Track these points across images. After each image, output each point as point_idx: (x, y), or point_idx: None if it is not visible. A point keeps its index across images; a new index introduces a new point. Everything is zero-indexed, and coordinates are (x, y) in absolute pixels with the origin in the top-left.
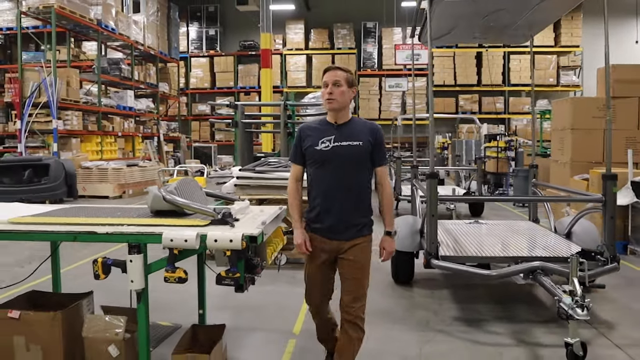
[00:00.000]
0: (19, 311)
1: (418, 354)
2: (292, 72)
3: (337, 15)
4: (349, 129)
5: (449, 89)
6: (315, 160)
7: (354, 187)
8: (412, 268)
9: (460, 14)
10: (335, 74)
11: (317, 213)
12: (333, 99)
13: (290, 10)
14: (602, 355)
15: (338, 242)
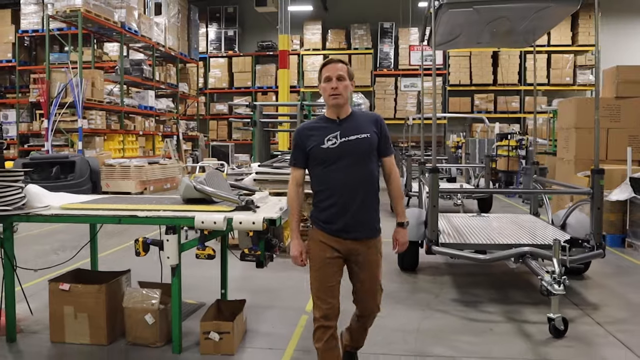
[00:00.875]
0: (69, 284)
1: (417, 328)
2: (309, 72)
3: (354, 16)
4: (353, 122)
5: (464, 89)
6: (323, 159)
7: (367, 181)
8: (416, 256)
9: (464, 22)
10: (337, 67)
11: (330, 213)
12: (339, 94)
13: (308, 11)
14: (583, 331)
15: (352, 242)
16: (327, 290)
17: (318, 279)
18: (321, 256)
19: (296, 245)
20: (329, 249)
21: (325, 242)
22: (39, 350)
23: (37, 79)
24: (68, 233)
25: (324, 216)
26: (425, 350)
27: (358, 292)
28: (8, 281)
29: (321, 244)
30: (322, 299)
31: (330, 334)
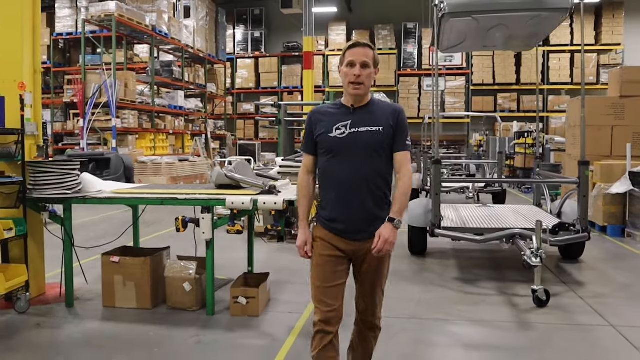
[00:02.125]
0: (119, 257)
1: (419, 299)
2: (334, 72)
3: (378, 17)
4: (368, 112)
5: (487, 88)
6: (328, 149)
7: (373, 178)
8: (424, 241)
9: (467, 28)
10: (365, 52)
11: (332, 210)
12: (361, 83)
13: (332, 13)
14: (564, 303)
15: (359, 244)
16: (327, 291)
17: (319, 279)
18: (322, 254)
19: (302, 235)
20: (331, 247)
21: (328, 240)
22: (94, 313)
23: (72, 80)
24: (109, 223)
25: (326, 213)
26: (422, 315)
27: (358, 295)
28: (68, 255)
29: (323, 242)
30: (322, 300)
31: (329, 341)
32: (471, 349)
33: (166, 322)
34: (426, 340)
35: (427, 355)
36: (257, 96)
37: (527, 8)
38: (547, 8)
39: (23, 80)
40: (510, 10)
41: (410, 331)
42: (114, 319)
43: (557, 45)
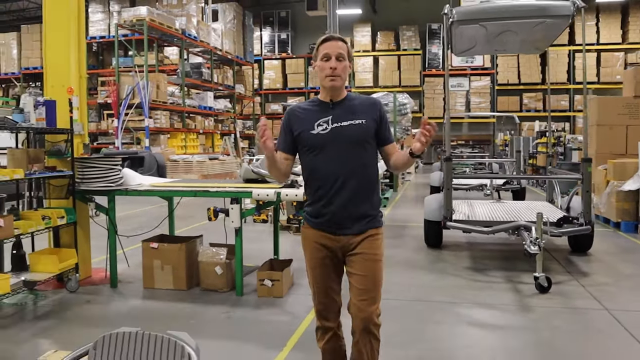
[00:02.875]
0: (157, 243)
1: (429, 284)
2: (359, 73)
3: (402, 18)
4: (347, 106)
5: (513, 88)
6: (312, 146)
7: (360, 172)
8: (439, 234)
9: (476, 34)
10: (338, 45)
11: (319, 206)
12: (337, 75)
13: (357, 14)
14: (565, 290)
15: (347, 238)
16: (322, 291)
17: (314, 279)
18: (315, 257)
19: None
20: (321, 248)
21: (318, 241)
22: (136, 293)
23: (106, 82)
24: (146, 216)
25: (313, 209)
26: (431, 298)
27: (352, 290)
28: (112, 241)
29: (314, 244)
30: (319, 299)
31: (332, 334)
32: (472, 327)
33: (200, 301)
34: (432, 319)
35: (430, 330)
36: (284, 96)
37: (530, 16)
38: (550, 15)
39: (71, 85)
40: (514, 17)
41: (418, 311)
42: (154, 298)
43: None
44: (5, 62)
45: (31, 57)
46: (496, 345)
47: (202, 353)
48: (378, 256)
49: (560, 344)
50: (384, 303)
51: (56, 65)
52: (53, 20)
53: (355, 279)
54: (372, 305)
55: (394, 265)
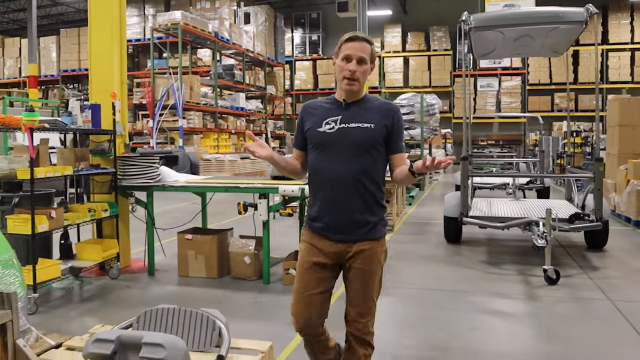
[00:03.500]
0: (192, 235)
1: (447, 276)
2: (389, 74)
3: (433, 18)
4: (360, 108)
5: (544, 88)
6: (317, 144)
7: (362, 177)
8: (458, 230)
9: (495, 39)
10: (362, 47)
11: (318, 208)
12: (355, 79)
13: (387, 15)
14: (574, 282)
15: (344, 245)
16: (303, 299)
17: (300, 284)
18: (306, 259)
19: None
20: (316, 251)
21: (313, 243)
22: (172, 280)
23: (141, 83)
24: (181, 212)
25: (312, 211)
26: (445, 287)
27: (347, 305)
28: (150, 232)
29: (309, 245)
30: (297, 310)
31: (317, 341)
32: (480, 312)
33: (230, 287)
34: (444, 305)
35: (441, 314)
36: (315, 97)
37: (544, 22)
38: (564, 21)
39: (114, 90)
40: (529, 24)
41: (432, 299)
42: (188, 284)
43: (616, 43)
44: (45, 64)
45: (69, 60)
46: (500, 329)
47: (231, 329)
48: (375, 271)
49: (560, 329)
50: (402, 291)
51: (100, 73)
52: (97, 31)
53: (351, 292)
54: (367, 317)
55: (414, 259)
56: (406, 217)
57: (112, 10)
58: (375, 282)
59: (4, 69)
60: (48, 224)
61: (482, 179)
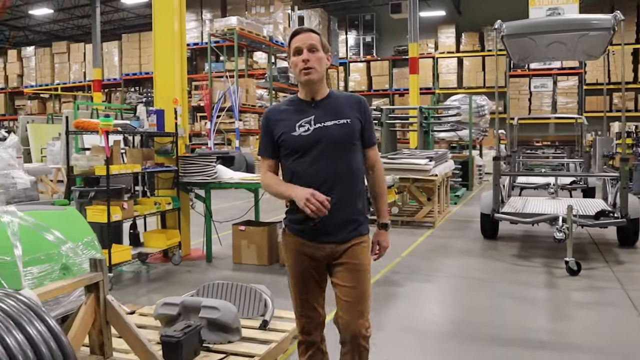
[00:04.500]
0: (245, 226)
1: (476, 267)
2: (443, 75)
3: (487, 18)
4: (331, 105)
5: (602, 87)
6: (295, 149)
7: (347, 175)
8: (493, 226)
9: (528, 45)
10: (309, 36)
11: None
12: (311, 67)
13: (441, 16)
14: (594, 273)
15: (331, 246)
16: (305, 303)
17: (297, 290)
18: (298, 267)
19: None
20: (305, 258)
21: (300, 250)
22: (227, 266)
23: (199, 86)
24: (235, 209)
25: (297, 217)
26: (471, 275)
27: (339, 303)
28: (208, 225)
29: (297, 253)
30: (301, 312)
31: (315, 349)
32: (499, 296)
33: (278, 273)
34: (468, 290)
35: (463, 297)
36: (369, 98)
37: (572, 29)
38: (591, 28)
39: (176, 97)
40: (558, 31)
41: (457, 285)
42: (241, 270)
43: None
44: (107, 68)
45: (131, 64)
46: (515, 310)
47: (275, 303)
48: (364, 266)
49: (569, 311)
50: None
51: (164, 81)
52: (161, 45)
53: (342, 290)
54: (361, 319)
55: (451, 252)
56: (449, 215)
57: (174, 26)
58: (368, 278)
59: (69, 74)
60: (121, 214)
61: (528, 179)
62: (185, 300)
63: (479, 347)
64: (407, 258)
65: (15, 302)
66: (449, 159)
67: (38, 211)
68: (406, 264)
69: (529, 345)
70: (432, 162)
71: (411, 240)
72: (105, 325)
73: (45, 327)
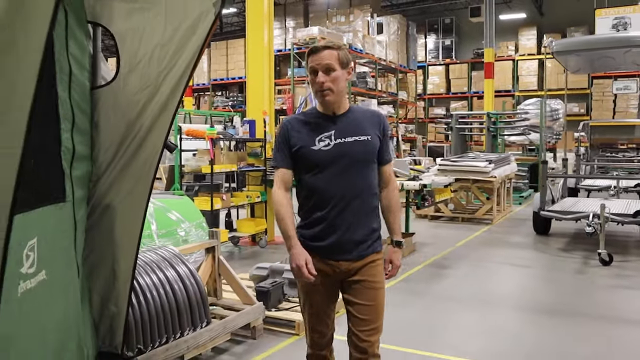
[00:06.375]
0: None
1: (518, 255)
2: (523, 77)
3: (571, 19)
4: (352, 120)
5: None
6: (314, 164)
7: (364, 193)
8: (544, 223)
9: (579, 59)
10: (325, 55)
11: (318, 230)
12: (327, 89)
13: (522, 18)
14: (625, 264)
15: (347, 264)
16: (317, 317)
17: (310, 306)
18: (314, 287)
19: (297, 254)
20: (319, 273)
21: (315, 266)
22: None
23: (282, 90)
24: None
25: (311, 233)
26: (510, 262)
27: (352, 320)
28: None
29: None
30: (312, 327)
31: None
32: (528, 277)
33: None
34: (498, 271)
35: (496, 277)
36: (447, 101)
37: (616, 46)
38: (633, 45)
39: (265, 109)
40: (602, 48)
41: (495, 269)
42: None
43: None
44: (197, 74)
45: (218, 70)
46: (535, 286)
47: None
48: (380, 283)
49: (587, 290)
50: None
51: (255, 96)
52: (253, 67)
53: (356, 308)
54: (374, 336)
55: (499, 244)
56: (510, 214)
57: (264, 44)
58: (383, 295)
59: None
60: (221, 203)
61: (594, 182)
62: (272, 265)
63: (491, 308)
64: (460, 248)
65: (167, 252)
66: (512, 162)
67: (164, 198)
68: (457, 252)
69: (535, 310)
70: (492, 165)
71: (467, 234)
72: (217, 276)
73: (187, 269)
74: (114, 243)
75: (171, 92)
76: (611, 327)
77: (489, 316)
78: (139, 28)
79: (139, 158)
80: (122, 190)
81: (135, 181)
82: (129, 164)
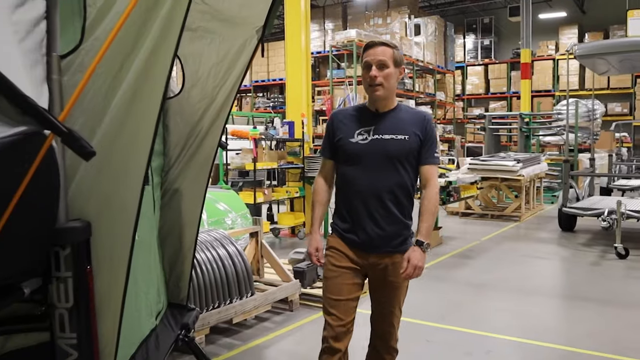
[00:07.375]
0: None
1: (540, 249)
2: (563, 76)
3: (614, 17)
4: (393, 118)
5: None
6: (349, 155)
7: (396, 191)
8: (568, 220)
9: (602, 62)
10: (381, 51)
11: (351, 221)
12: (378, 84)
13: (563, 17)
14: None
15: (376, 257)
16: (338, 305)
17: (331, 291)
18: (336, 265)
19: (313, 240)
20: (346, 258)
21: (343, 251)
22: None
23: (321, 91)
24: None
25: (342, 223)
26: (530, 254)
27: (373, 313)
28: None
29: (337, 252)
30: (332, 314)
31: (338, 358)
32: (544, 267)
33: None
34: (519, 263)
35: (513, 267)
36: (486, 101)
37: (633, 50)
38: None
39: (302, 112)
40: (621, 52)
41: (515, 260)
42: None
43: None
44: None
45: (259, 72)
46: (548, 274)
47: None
48: (405, 283)
49: (599, 280)
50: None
51: (293, 99)
52: (292, 74)
53: (378, 302)
54: (396, 325)
55: (523, 239)
56: (540, 212)
57: (301, 49)
58: (404, 292)
59: None
60: (263, 198)
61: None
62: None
63: (502, 292)
64: (485, 241)
65: (218, 234)
66: (542, 162)
67: (213, 191)
68: (482, 245)
69: (537, 293)
70: (520, 164)
71: (494, 230)
72: (260, 257)
73: (235, 249)
74: (180, 218)
75: (224, 101)
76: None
77: (501, 297)
78: (199, 52)
79: (200, 153)
80: (187, 178)
81: (197, 171)
82: (192, 158)
